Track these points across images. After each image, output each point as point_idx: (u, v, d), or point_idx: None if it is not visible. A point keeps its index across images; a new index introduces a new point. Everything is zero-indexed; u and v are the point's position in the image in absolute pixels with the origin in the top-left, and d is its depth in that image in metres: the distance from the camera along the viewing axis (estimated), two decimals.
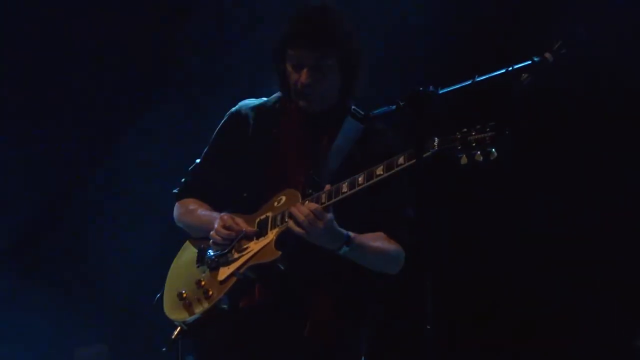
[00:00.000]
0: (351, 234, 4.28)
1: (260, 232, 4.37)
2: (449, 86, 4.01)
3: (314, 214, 4.18)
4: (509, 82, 3.99)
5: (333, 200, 4.24)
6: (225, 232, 4.37)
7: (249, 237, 4.38)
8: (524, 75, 4.00)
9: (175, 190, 4.68)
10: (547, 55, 4.02)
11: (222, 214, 4.45)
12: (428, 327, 3.83)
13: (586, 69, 5.38)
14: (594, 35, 4.07)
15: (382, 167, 4.18)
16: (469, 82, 4.03)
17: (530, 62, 4.01)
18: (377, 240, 4.38)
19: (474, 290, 6.25)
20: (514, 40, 5.41)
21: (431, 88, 3.99)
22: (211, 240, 4.42)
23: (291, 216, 4.23)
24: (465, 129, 4.03)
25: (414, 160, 4.08)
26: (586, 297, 6.03)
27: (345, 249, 4.26)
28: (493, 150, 3.97)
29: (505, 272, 6.20)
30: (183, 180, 4.68)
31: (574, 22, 4.05)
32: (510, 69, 4.00)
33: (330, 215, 4.20)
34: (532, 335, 6.22)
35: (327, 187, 4.26)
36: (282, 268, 4.29)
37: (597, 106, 5.88)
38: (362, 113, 4.29)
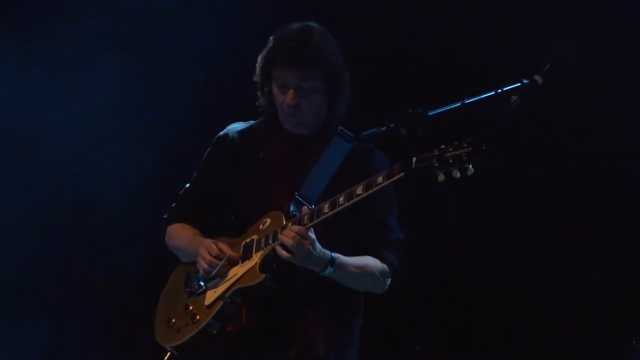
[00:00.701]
0: (335, 254, 4.26)
1: (245, 256, 4.35)
2: (438, 108, 3.99)
3: (300, 236, 4.16)
4: (498, 104, 3.97)
5: (315, 221, 4.21)
6: (209, 257, 4.35)
7: (234, 262, 4.36)
8: (514, 98, 3.99)
9: (165, 216, 4.66)
10: (537, 77, 4.01)
11: (206, 239, 4.44)
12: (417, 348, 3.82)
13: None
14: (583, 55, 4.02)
15: (361, 186, 4.15)
16: (458, 104, 4.01)
17: (519, 84, 4.01)
18: (361, 261, 4.36)
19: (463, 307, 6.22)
20: (504, 62, 5.39)
21: (420, 110, 3.96)
22: (197, 266, 4.40)
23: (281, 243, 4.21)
24: (442, 146, 3.99)
25: (393, 179, 4.06)
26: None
27: (329, 269, 4.24)
28: (470, 166, 3.92)
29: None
30: (173, 204, 4.66)
31: (563, 44, 4.00)
32: (499, 91, 4.00)
33: (311, 235, 4.18)
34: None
35: (305, 209, 4.25)
36: (270, 285, 4.26)
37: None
38: (350, 134, 4.28)
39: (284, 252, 4.19)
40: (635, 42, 5.77)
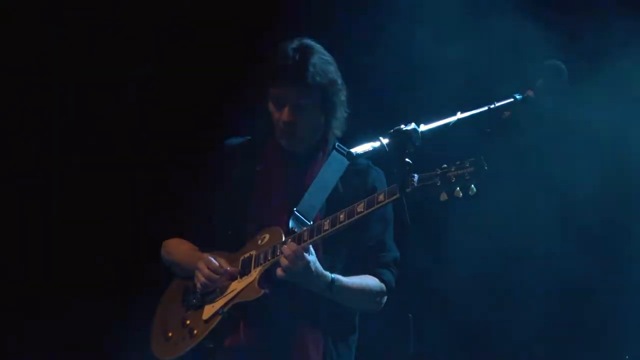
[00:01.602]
0: (335, 276, 4.28)
1: (244, 271, 4.37)
2: (431, 123, 4.01)
3: (295, 254, 4.19)
4: (491, 120, 4.00)
5: (315, 237, 4.24)
6: (207, 272, 4.37)
7: (232, 277, 4.37)
8: (506, 113, 4.02)
9: (161, 230, 4.68)
10: (530, 92, 4.04)
11: (204, 254, 4.45)
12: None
13: None
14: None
15: (362, 203, 4.18)
16: (451, 120, 4.03)
17: (512, 99, 4.03)
18: (361, 282, 4.38)
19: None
20: (496, 77, 5.40)
21: (413, 125, 3.99)
22: (195, 281, 4.41)
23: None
24: (444, 165, 4.02)
25: (394, 197, 4.09)
26: None
27: (328, 291, 4.27)
28: (472, 186, 3.96)
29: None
30: (168, 219, 4.68)
31: (556, 59, 4.03)
32: (492, 106, 4.02)
33: (310, 257, 4.20)
34: None
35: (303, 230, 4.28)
36: (268, 301, 4.28)
37: None
38: (346, 149, 4.30)
39: (278, 270, 4.23)
40: None
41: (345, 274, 4.35)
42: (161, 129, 6.46)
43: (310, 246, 4.25)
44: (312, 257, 4.21)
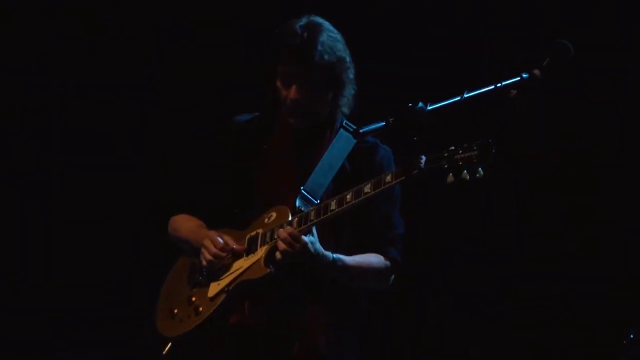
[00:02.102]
0: (336, 256, 4.27)
1: (250, 249, 4.37)
2: (438, 102, 4.01)
3: (291, 237, 4.19)
4: (497, 99, 3.98)
5: (321, 217, 4.23)
6: (213, 250, 4.37)
7: (238, 255, 4.37)
8: (513, 92, 4.00)
9: (168, 206, 4.67)
10: (536, 71, 4.02)
11: (210, 232, 4.45)
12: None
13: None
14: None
15: (370, 184, 4.16)
16: (458, 98, 4.02)
17: (518, 78, 4.01)
18: (365, 260, 4.37)
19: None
20: (503, 56, 5.39)
21: (420, 104, 3.98)
22: (201, 258, 4.41)
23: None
24: (452, 147, 4.01)
25: (401, 179, 4.08)
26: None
27: (331, 272, 4.27)
28: (480, 169, 3.94)
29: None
30: (175, 195, 4.68)
31: (562, 38, 4.01)
32: (499, 85, 4.00)
33: (307, 238, 4.19)
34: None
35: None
36: (274, 279, 4.28)
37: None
38: (354, 127, 4.28)
39: (277, 254, 4.23)
40: None
41: (350, 252, 4.34)
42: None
43: (313, 227, 4.25)
44: (310, 238, 4.20)
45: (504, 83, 4.00)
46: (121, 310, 6.61)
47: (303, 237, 4.18)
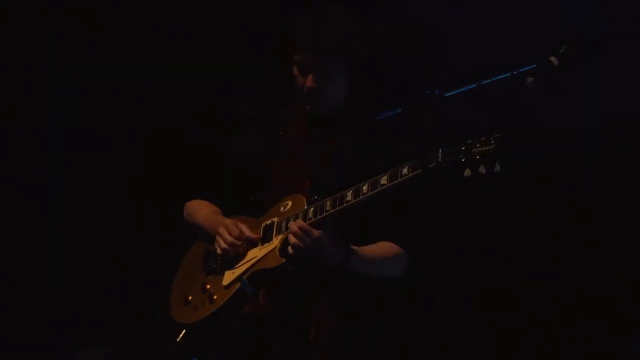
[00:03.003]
0: (351, 248, 4.25)
1: (265, 238, 4.36)
2: (454, 89, 4.01)
3: (302, 231, 4.17)
4: (514, 86, 3.99)
5: (337, 208, 4.20)
6: (229, 238, 4.36)
7: (253, 243, 4.37)
8: (529, 79, 4.01)
9: (183, 192, 4.68)
10: (552, 59, 4.03)
11: (226, 219, 4.44)
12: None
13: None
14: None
15: (386, 176, 4.14)
16: (474, 86, 4.03)
17: (535, 66, 4.03)
18: (378, 250, 4.37)
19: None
20: (520, 43, 5.39)
21: (437, 91, 3.98)
22: (215, 245, 4.41)
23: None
24: (469, 141, 3.98)
25: (418, 171, 4.05)
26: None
27: (345, 263, 4.25)
28: (497, 163, 3.92)
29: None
30: (191, 181, 4.68)
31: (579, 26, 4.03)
32: (515, 72, 4.02)
33: (319, 232, 4.17)
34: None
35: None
36: (289, 269, 4.27)
37: None
38: (370, 116, 4.29)
39: (289, 248, 4.22)
40: None
41: (362, 241, 4.33)
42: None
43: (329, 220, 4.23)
44: (319, 232, 4.17)
45: (520, 70, 4.02)
46: (120, 310, 6.58)
47: (314, 230, 4.17)
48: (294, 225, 4.20)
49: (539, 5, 5.57)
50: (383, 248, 4.39)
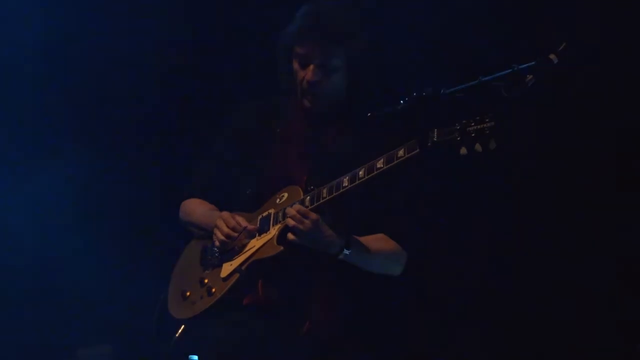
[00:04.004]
0: (352, 237, 4.27)
1: (262, 229, 4.38)
2: (453, 86, 4.03)
3: (300, 214, 4.19)
4: (513, 83, 4.01)
5: (334, 194, 4.22)
6: (226, 230, 4.37)
7: (250, 235, 4.38)
8: (529, 77, 4.03)
9: (179, 190, 4.69)
10: (552, 56, 4.05)
11: (223, 212, 4.45)
12: None
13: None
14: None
15: (382, 159, 4.15)
16: (474, 83, 4.05)
17: (534, 63, 4.04)
18: (377, 243, 4.38)
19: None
20: (519, 40, 5.40)
21: (436, 87, 3.99)
22: (214, 239, 4.42)
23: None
24: (464, 120, 4.01)
25: (414, 152, 4.07)
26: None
27: (345, 252, 4.26)
28: (492, 140, 3.95)
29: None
30: (187, 180, 4.69)
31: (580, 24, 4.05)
32: (515, 69, 4.03)
33: (317, 215, 4.18)
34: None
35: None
36: (287, 258, 4.27)
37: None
38: (368, 111, 4.30)
39: (289, 234, 4.23)
40: None
41: (359, 233, 4.34)
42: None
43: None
44: (316, 215, 4.19)
45: (520, 67, 4.03)
46: (120, 308, 6.57)
47: (312, 213, 4.18)
48: (292, 210, 4.22)
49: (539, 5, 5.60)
50: (384, 243, 4.41)
